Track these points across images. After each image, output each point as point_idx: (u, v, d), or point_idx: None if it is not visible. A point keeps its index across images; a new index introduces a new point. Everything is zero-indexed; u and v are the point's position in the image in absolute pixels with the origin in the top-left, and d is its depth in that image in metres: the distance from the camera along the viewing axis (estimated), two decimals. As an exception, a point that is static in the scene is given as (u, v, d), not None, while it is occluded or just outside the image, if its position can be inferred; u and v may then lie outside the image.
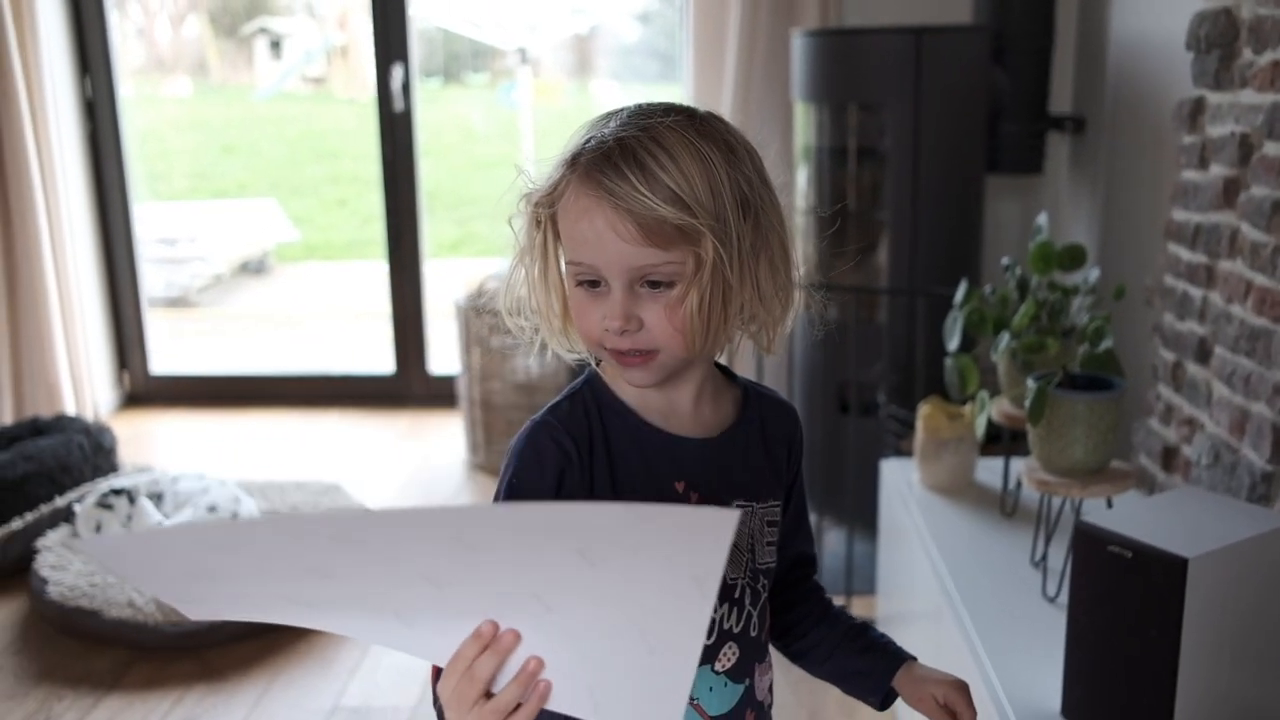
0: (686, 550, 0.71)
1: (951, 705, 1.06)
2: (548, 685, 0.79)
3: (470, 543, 0.73)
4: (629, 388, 1.00)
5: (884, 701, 1.12)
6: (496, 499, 0.97)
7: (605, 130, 0.94)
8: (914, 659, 1.11)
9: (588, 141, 0.94)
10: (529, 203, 0.98)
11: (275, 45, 9.63)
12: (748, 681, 1.03)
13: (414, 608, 0.79)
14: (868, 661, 1.11)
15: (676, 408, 1.01)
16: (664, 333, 0.94)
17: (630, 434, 0.99)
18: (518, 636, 0.78)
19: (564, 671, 0.79)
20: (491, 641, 0.79)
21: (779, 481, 1.08)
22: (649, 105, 0.96)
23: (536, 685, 0.79)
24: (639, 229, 0.90)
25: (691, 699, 0.99)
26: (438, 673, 0.93)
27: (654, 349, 0.94)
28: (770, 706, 1.08)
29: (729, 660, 1.01)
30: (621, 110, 0.96)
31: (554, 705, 0.80)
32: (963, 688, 1.07)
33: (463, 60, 8.98)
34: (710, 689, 1.00)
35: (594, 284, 0.94)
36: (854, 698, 1.14)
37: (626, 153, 0.91)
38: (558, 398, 1.01)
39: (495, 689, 0.80)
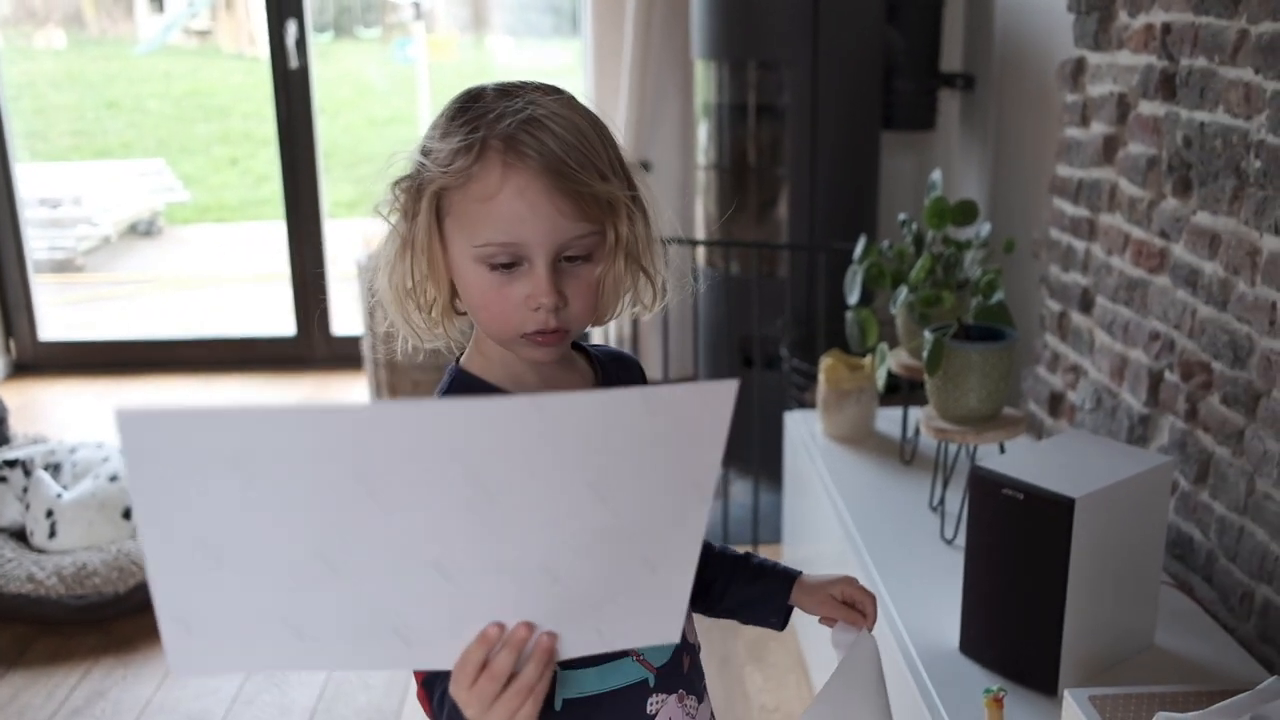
0: (688, 442, 0.74)
1: (850, 598, 1.12)
2: (555, 646, 0.81)
3: (485, 481, 0.72)
4: (501, 373, 1.01)
5: (783, 621, 1.17)
6: None
7: (505, 109, 0.92)
8: (801, 573, 1.16)
9: (490, 124, 0.92)
10: (416, 189, 0.95)
11: (156, -3, 9.28)
12: None
13: (416, 616, 0.78)
14: (762, 587, 1.15)
15: (550, 381, 1.03)
16: (584, 308, 0.96)
17: None
18: (530, 629, 0.79)
19: (569, 623, 0.81)
20: (506, 639, 0.79)
21: None
22: (521, 83, 0.96)
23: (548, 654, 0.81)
24: (577, 202, 0.91)
25: (635, 654, 1.02)
26: (424, 678, 0.95)
27: (569, 327, 0.96)
28: (699, 650, 1.12)
29: None
30: (485, 92, 0.95)
31: (563, 654, 0.82)
32: (853, 580, 1.13)
33: (354, 14, 8.77)
34: None
35: (507, 266, 0.92)
36: (754, 625, 1.19)
37: (545, 129, 0.91)
38: None
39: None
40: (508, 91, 0.94)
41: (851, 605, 1.11)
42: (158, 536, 0.73)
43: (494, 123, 0.91)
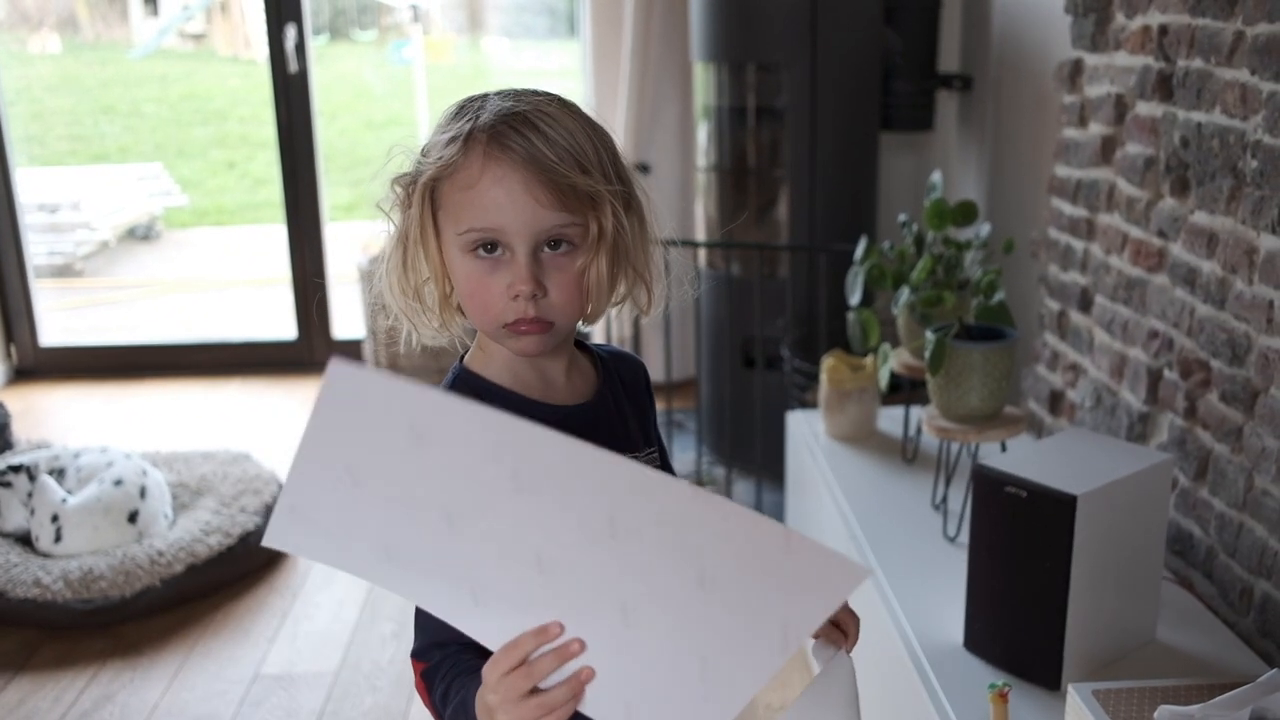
0: (801, 593, 0.77)
1: (834, 617, 1.12)
2: (586, 685, 0.82)
3: (619, 524, 0.76)
4: (503, 371, 1.03)
5: None
6: None
7: (494, 107, 0.97)
8: None
9: (478, 118, 0.96)
10: (412, 184, 0.99)
11: (150, 0, 9.28)
12: None
13: (499, 590, 0.81)
14: None
15: (552, 381, 1.06)
16: (566, 300, 0.98)
17: (518, 414, 1.02)
18: (583, 646, 0.81)
19: (608, 681, 0.82)
20: (558, 645, 0.81)
21: (650, 429, 1.15)
22: (524, 90, 1.00)
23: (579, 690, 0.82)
24: (555, 192, 0.94)
25: None
26: (424, 669, 0.97)
27: (553, 319, 0.98)
28: None
29: None
30: (487, 96, 1.00)
31: (588, 709, 0.83)
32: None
33: (350, 17, 8.78)
34: None
35: (490, 250, 0.96)
36: None
37: (529, 123, 0.95)
38: None
39: (543, 685, 0.82)
40: (506, 95, 0.99)
41: (835, 624, 1.12)
42: (314, 444, 0.78)
43: (482, 116, 0.96)
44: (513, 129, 0.94)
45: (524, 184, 0.93)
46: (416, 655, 0.98)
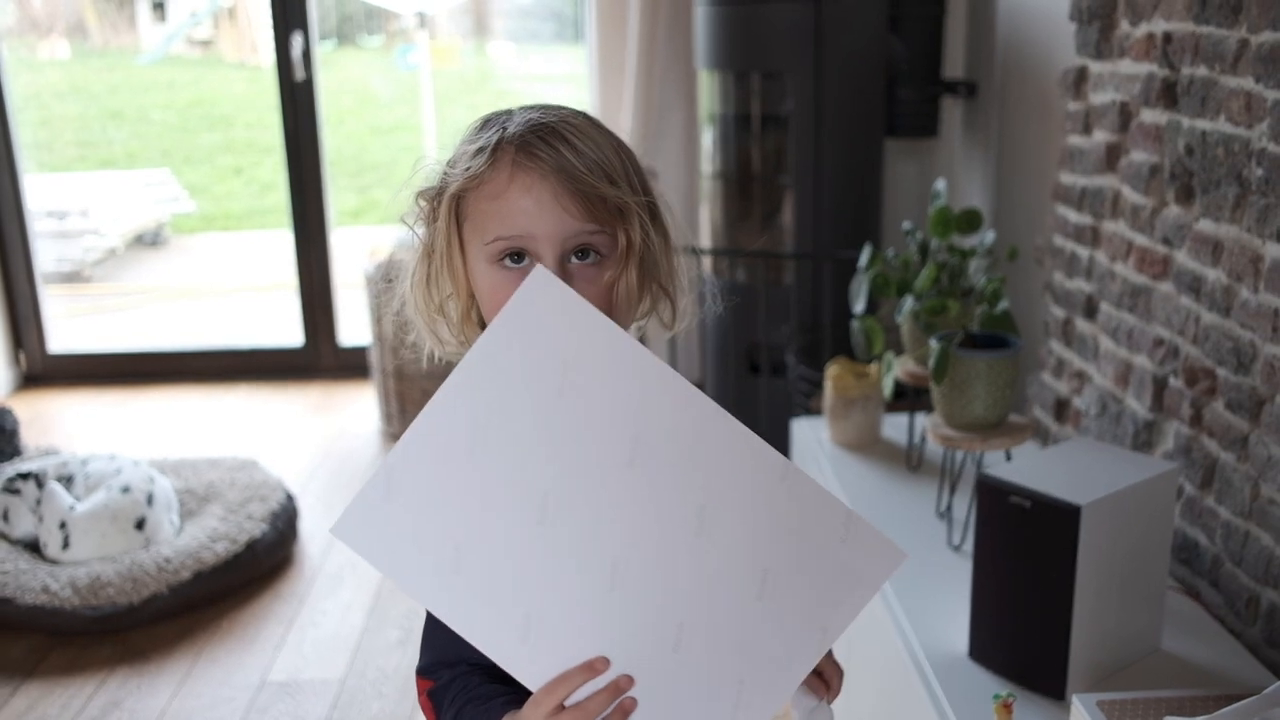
0: (843, 580, 0.82)
1: (818, 668, 1.11)
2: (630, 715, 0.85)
3: (710, 506, 0.79)
4: None
5: None
6: None
7: (521, 118, 0.97)
8: None
9: (505, 130, 0.96)
10: (437, 197, 0.99)
11: (158, 6, 9.31)
12: None
13: (556, 617, 0.82)
14: None
15: None
16: None
17: None
18: (632, 682, 0.83)
19: (646, 708, 0.84)
20: (610, 682, 0.83)
21: None
22: (541, 104, 1.00)
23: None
24: (584, 203, 0.93)
25: None
26: (430, 688, 0.97)
27: None
28: None
29: None
30: (511, 110, 1.00)
31: None
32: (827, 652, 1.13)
33: (356, 22, 8.80)
34: None
35: (518, 260, 0.95)
36: None
37: (557, 134, 0.95)
38: None
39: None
40: (531, 108, 0.99)
41: (818, 673, 1.08)
42: (450, 399, 0.79)
43: (509, 128, 0.96)
44: (541, 139, 0.94)
45: (553, 193, 0.93)
46: (422, 672, 0.98)
